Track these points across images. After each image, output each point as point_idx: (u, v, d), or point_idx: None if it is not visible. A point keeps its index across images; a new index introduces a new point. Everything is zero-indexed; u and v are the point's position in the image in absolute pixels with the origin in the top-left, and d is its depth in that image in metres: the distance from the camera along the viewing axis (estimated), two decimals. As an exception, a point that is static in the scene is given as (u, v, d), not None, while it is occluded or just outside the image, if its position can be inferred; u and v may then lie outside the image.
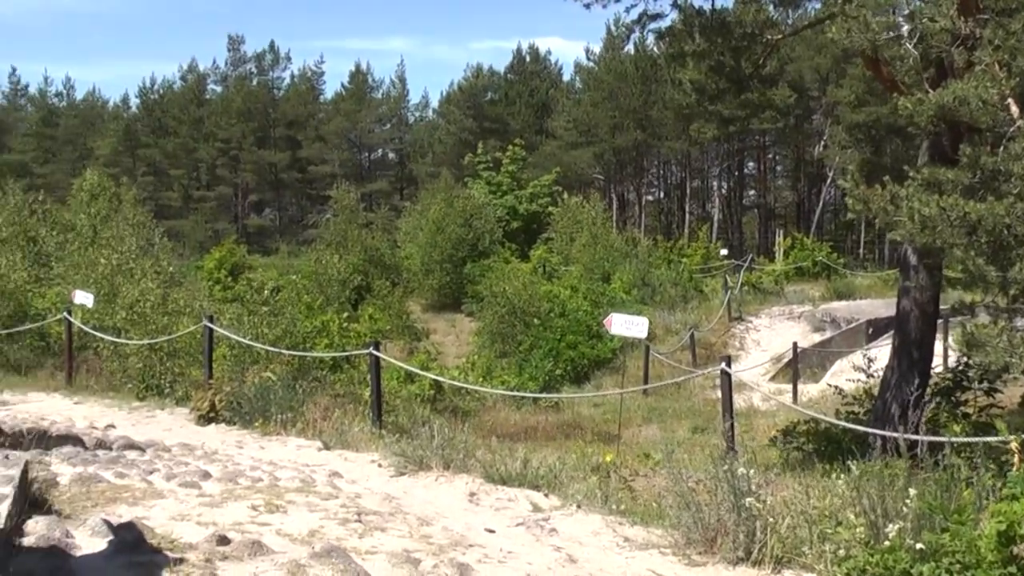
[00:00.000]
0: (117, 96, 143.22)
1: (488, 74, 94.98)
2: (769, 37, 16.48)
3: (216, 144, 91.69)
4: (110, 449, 10.13)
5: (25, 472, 6.47)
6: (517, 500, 8.76)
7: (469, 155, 69.15)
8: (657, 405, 26.07)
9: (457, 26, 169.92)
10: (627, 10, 17.29)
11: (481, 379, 26.27)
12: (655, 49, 71.30)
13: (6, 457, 6.85)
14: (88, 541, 5.76)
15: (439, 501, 8.67)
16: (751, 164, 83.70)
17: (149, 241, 37.12)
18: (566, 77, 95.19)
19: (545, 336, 33.07)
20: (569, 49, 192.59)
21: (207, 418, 13.58)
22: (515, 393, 24.77)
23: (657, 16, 17.30)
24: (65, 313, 19.49)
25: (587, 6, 16.87)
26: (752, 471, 7.29)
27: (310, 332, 24.05)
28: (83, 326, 20.14)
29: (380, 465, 10.22)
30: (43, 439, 9.73)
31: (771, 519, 6.99)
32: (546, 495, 8.97)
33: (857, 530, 6.37)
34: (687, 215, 79.05)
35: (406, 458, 9.85)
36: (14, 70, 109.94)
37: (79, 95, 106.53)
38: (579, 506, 8.57)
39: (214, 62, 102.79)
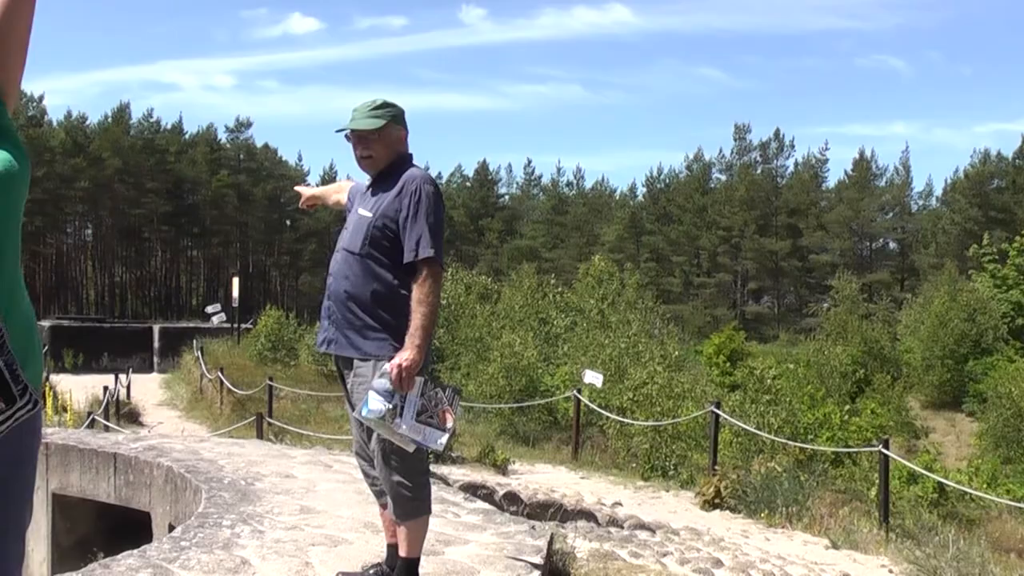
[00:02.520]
0: (624, 185, 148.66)
1: (995, 160, 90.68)
2: None
3: (718, 232, 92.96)
4: (621, 527, 10.33)
5: (550, 543, 6.71)
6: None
7: (973, 246, 66.15)
8: None
9: (960, 109, 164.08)
10: None
11: (985, 486, 24.83)
12: None
13: (533, 528, 7.11)
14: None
15: (959, 614, 8.20)
16: None
17: (653, 325, 37.95)
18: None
19: (1054, 444, 30.99)
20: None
21: (712, 504, 13.57)
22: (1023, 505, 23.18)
23: None
24: (575, 391, 20.19)
25: None
26: None
27: (811, 423, 23.74)
28: (590, 404, 20.79)
29: (890, 571, 9.78)
30: (559, 512, 10.10)
31: None
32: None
33: None
34: None
35: (918, 567, 9.37)
36: (529, 162, 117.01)
37: (588, 184, 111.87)
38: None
39: (720, 151, 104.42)
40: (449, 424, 4.77)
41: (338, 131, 5.18)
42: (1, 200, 2.60)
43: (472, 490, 9.64)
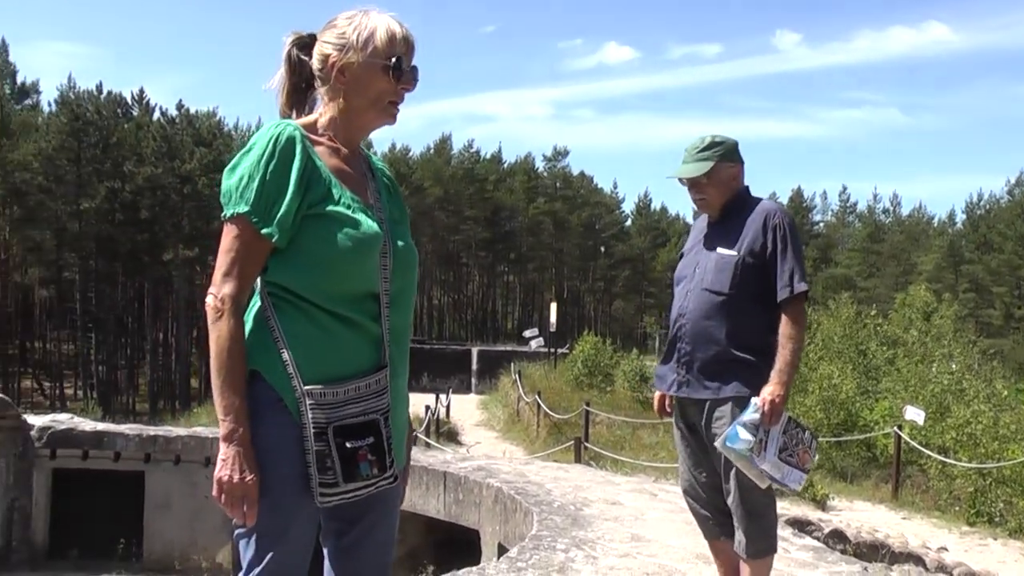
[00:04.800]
0: (943, 211, 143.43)
1: None
2: None
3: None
4: (950, 575, 10.06)
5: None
6: None
7: None
8: None
9: None
10: None
11: None
12: None
13: (865, 569, 7.06)
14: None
15: None
16: None
17: (973, 360, 36.24)
18: None
19: None
20: None
21: (1041, 554, 13.03)
22: None
23: None
24: (895, 428, 19.66)
25: None
26: None
27: None
28: (911, 441, 20.18)
29: None
30: (887, 554, 9.93)
31: None
32: None
33: None
34: None
35: None
36: (844, 188, 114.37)
37: (904, 211, 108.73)
38: None
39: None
40: (808, 465, 4.76)
41: (668, 177, 5.16)
42: (405, 276, 2.91)
43: (798, 526, 9.58)
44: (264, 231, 2.73)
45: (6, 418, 14.70)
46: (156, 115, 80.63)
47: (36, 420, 15.34)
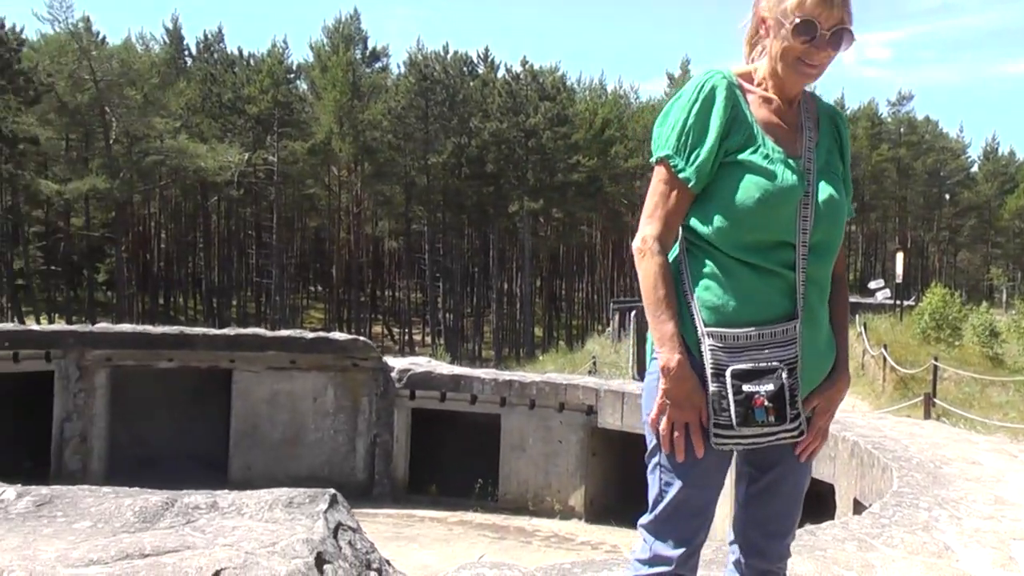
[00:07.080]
0: None
1: None
2: None
3: None
4: None
5: None
6: None
7: None
8: None
9: None
10: None
11: None
12: None
13: None
14: None
15: None
16: None
17: None
18: None
19: None
20: None
21: None
22: None
23: None
24: None
25: None
26: None
27: None
28: None
29: None
30: None
31: None
32: None
33: None
34: None
35: None
36: None
37: None
38: None
39: None
40: None
41: None
42: (829, 228, 2.89)
43: None
44: (682, 175, 2.82)
45: (368, 359, 15.64)
46: (501, 72, 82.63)
47: (396, 362, 16.21)
